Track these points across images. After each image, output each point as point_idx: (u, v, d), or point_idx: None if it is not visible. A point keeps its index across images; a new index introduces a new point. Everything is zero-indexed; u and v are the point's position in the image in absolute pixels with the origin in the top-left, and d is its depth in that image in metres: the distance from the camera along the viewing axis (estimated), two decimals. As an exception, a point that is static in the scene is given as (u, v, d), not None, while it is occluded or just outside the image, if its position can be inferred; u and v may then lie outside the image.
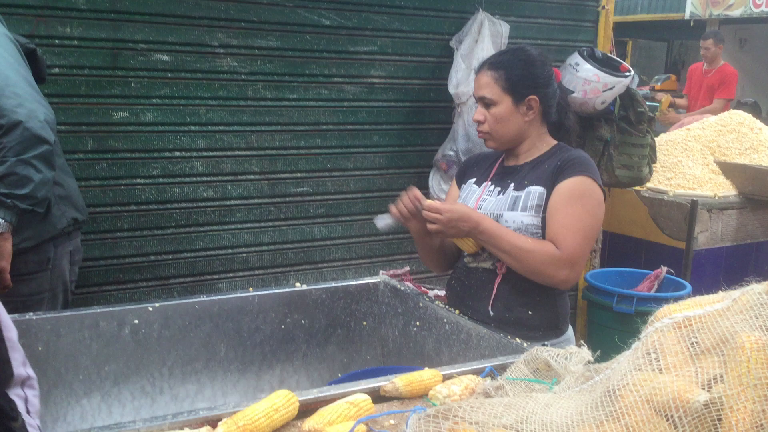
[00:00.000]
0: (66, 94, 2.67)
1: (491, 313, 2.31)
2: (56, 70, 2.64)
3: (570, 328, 2.41)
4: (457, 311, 2.38)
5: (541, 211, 2.23)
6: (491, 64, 2.32)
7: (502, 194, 2.33)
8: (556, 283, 2.25)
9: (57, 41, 2.63)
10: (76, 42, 2.66)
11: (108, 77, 2.73)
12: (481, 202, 2.37)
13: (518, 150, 2.37)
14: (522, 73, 2.29)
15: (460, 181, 2.53)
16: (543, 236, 2.23)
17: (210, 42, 2.88)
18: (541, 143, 2.37)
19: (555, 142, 2.39)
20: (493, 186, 2.38)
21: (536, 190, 2.25)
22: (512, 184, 2.32)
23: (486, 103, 2.31)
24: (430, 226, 2.21)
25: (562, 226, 2.19)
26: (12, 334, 1.23)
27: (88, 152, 2.74)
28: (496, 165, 2.44)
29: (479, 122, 2.33)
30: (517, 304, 2.28)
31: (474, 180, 2.46)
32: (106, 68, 2.72)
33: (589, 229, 2.23)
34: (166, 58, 2.82)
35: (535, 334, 2.21)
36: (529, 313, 2.28)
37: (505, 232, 2.21)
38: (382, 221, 2.34)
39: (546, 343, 2.07)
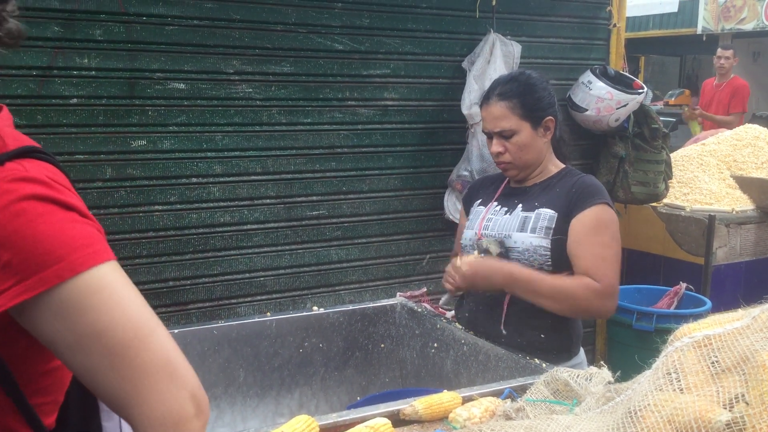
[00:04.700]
0: (84, 124, 2.70)
1: (504, 332, 2.29)
2: (74, 100, 2.68)
3: (582, 351, 2.39)
4: (471, 332, 2.38)
5: (550, 234, 2.22)
6: (501, 95, 2.30)
7: (509, 214, 2.32)
8: (602, 315, 2.28)
9: (75, 72, 2.67)
10: (93, 72, 2.70)
11: (125, 106, 2.77)
12: (486, 221, 2.36)
13: (532, 173, 2.37)
14: (535, 97, 2.30)
15: (468, 205, 2.53)
16: (551, 258, 2.22)
17: (225, 69, 2.92)
18: (550, 165, 2.38)
19: (563, 165, 2.40)
20: (498, 206, 2.38)
21: (547, 213, 2.25)
22: (520, 205, 2.32)
23: (505, 135, 2.30)
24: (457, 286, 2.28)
25: (596, 257, 2.18)
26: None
27: (106, 180, 2.77)
28: (502, 186, 2.44)
29: (499, 153, 2.32)
30: (528, 328, 2.26)
31: (480, 201, 2.47)
32: (123, 98, 2.76)
33: (618, 256, 2.25)
34: (182, 86, 2.85)
35: (548, 357, 2.19)
36: (542, 336, 2.26)
37: (541, 276, 2.19)
38: (444, 299, 2.54)
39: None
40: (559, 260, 2.23)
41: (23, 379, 1.00)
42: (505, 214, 2.33)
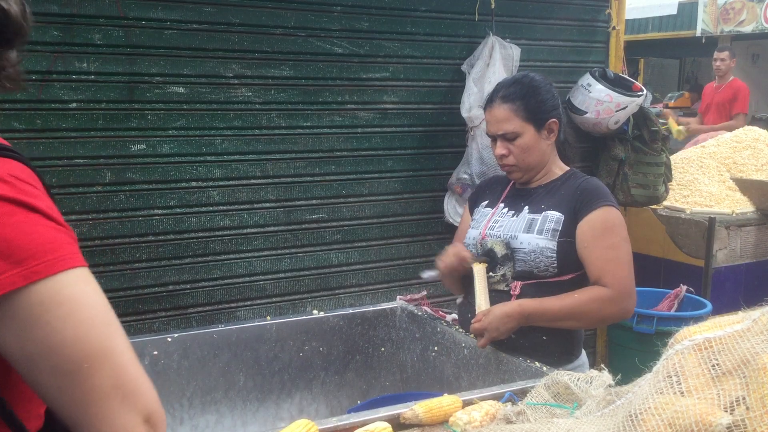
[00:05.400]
0: (84, 128, 2.70)
1: (511, 335, 2.29)
2: (74, 104, 2.68)
3: (583, 353, 2.40)
4: (472, 335, 2.38)
5: (557, 236, 2.23)
6: (504, 97, 2.30)
7: (516, 216, 2.33)
8: (622, 318, 2.30)
9: (74, 76, 2.67)
10: (93, 77, 2.70)
11: (125, 110, 2.77)
12: (492, 222, 2.37)
13: (536, 176, 2.37)
14: (538, 99, 2.30)
15: (473, 205, 2.54)
16: (557, 260, 2.22)
17: (224, 73, 2.92)
18: (554, 167, 2.38)
19: (566, 167, 2.40)
20: (506, 208, 2.39)
21: (554, 215, 2.26)
22: (526, 207, 2.32)
23: (508, 138, 2.30)
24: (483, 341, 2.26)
25: (606, 261, 2.19)
26: None
27: (106, 184, 2.77)
28: (508, 187, 2.45)
29: (503, 156, 2.32)
30: (533, 330, 2.26)
31: (486, 203, 2.47)
32: (122, 102, 2.76)
33: (628, 256, 2.27)
34: (181, 90, 2.85)
35: (551, 360, 2.20)
36: (545, 338, 2.26)
37: (551, 303, 2.20)
38: (428, 273, 2.52)
39: (560, 368, 2.06)
40: (565, 262, 2.23)
41: (6, 386, 0.96)
42: (513, 216, 2.34)
